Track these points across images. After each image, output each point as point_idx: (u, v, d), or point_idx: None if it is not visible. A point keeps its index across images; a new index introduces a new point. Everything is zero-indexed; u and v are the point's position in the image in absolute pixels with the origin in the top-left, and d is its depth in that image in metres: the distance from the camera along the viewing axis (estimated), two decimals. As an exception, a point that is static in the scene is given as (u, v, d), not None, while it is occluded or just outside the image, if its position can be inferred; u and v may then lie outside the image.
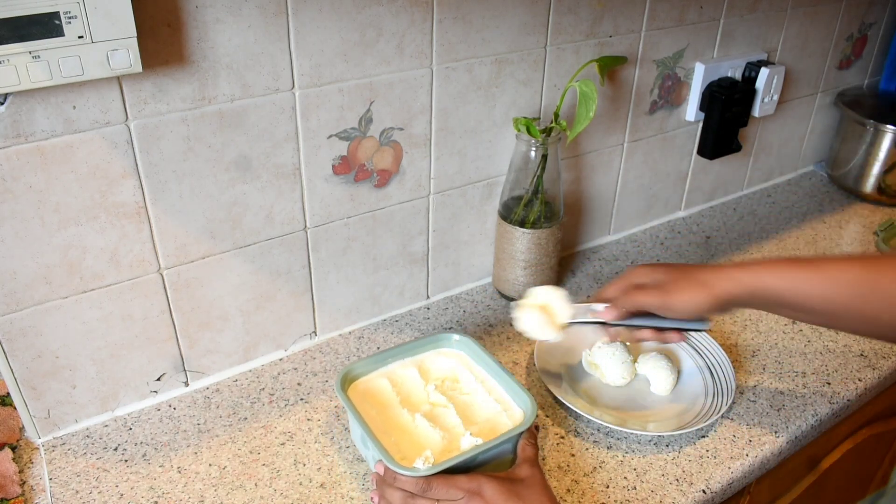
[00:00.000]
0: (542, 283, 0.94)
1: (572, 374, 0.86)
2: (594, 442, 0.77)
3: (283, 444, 0.76)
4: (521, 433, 0.69)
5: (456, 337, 0.81)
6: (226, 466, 0.74)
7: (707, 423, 0.77)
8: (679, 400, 0.83)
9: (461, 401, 0.75)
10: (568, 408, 0.80)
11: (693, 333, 0.88)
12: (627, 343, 0.86)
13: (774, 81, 1.14)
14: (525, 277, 0.95)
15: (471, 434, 0.69)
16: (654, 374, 0.84)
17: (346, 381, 0.74)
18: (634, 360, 0.85)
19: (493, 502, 0.61)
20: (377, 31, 0.76)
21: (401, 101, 0.82)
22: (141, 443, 0.76)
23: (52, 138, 0.64)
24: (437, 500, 0.63)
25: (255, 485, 0.72)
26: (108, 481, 0.72)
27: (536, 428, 0.77)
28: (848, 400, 0.85)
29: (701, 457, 0.76)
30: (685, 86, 1.10)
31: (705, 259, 1.11)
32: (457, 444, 0.69)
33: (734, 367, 0.85)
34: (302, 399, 0.82)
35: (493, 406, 0.74)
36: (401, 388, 0.76)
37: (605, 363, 0.84)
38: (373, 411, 0.72)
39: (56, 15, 0.55)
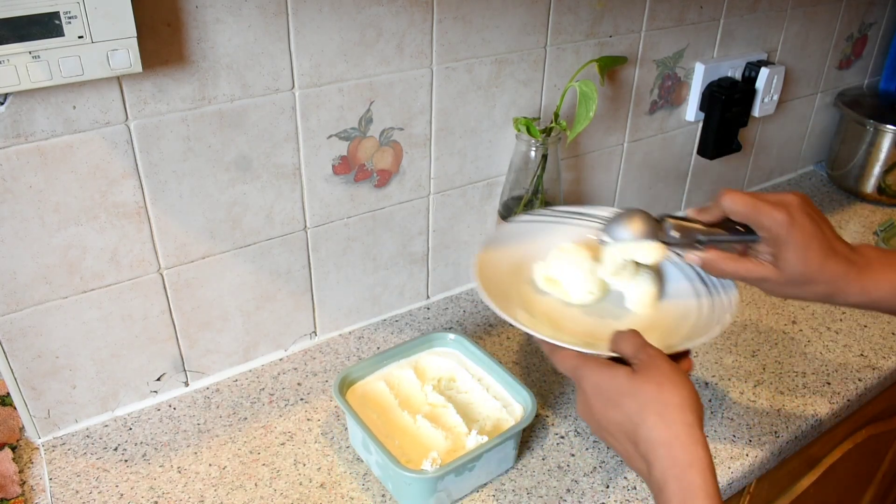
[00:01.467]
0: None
1: (525, 295, 0.70)
2: (594, 442, 0.77)
3: (283, 444, 0.76)
4: (523, 429, 0.70)
5: (451, 336, 0.81)
6: (226, 466, 0.74)
7: (707, 336, 0.63)
8: (665, 316, 0.68)
9: (460, 400, 0.75)
10: (528, 335, 0.69)
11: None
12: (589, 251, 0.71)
13: (774, 81, 1.14)
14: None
15: (476, 433, 0.69)
16: (630, 286, 0.69)
17: (344, 386, 0.74)
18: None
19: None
20: (377, 31, 0.76)
21: (401, 101, 0.82)
22: (141, 443, 0.76)
23: (52, 138, 0.64)
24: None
25: (255, 485, 0.72)
26: (108, 481, 0.72)
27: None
28: (848, 400, 0.85)
29: (701, 457, 0.76)
30: (685, 86, 1.10)
31: (705, 259, 1.11)
32: (461, 444, 0.69)
33: (733, 367, 0.84)
34: (302, 399, 0.82)
35: (492, 403, 0.74)
36: (399, 390, 0.76)
37: (566, 276, 0.69)
38: (373, 415, 0.72)
39: (56, 15, 0.55)
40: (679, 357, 0.61)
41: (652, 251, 0.66)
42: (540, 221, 0.76)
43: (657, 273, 0.72)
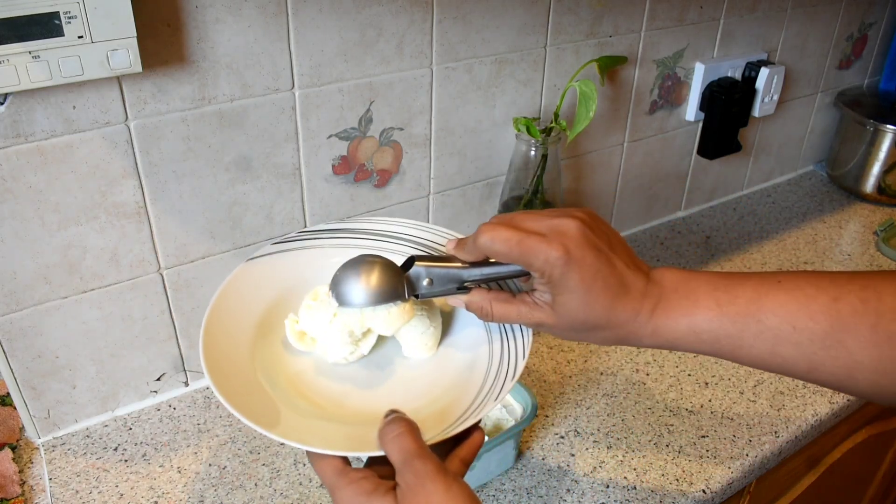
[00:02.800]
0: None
1: (273, 356, 0.56)
2: (594, 442, 0.77)
3: (283, 444, 0.76)
4: (523, 430, 0.70)
5: None
6: (226, 466, 0.74)
7: (499, 396, 0.51)
8: (448, 369, 0.56)
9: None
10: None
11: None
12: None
13: (774, 81, 1.14)
14: (524, 277, 0.94)
15: None
16: (380, 318, 0.53)
17: None
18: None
19: None
20: (377, 31, 0.76)
21: (401, 101, 0.82)
22: (141, 443, 0.76)
23: (52, 138, 0.64)
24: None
25: (255, 485, 0.72)
26: (108, 481, 0.72)
27: (396, 411, 0.49)
28: (848, 400, 0.85)
29: (701, 457, 0.76)
30: (685, 86, 1.10)
31: (705, 259, 1.11)
32: None
33: (733, 367, 0.84)
34: (302, 399, 0.82)
35: None
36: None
37: (322, 332, 0.55)
38: None
39: (56, 15, 0.55)
40: (465, 435, 0.50)
41: (394, 319, 0.53)
42: (295, 249, 0.62)
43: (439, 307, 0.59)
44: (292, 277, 0.60)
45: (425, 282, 0.53)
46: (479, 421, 0.50)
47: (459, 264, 0.54)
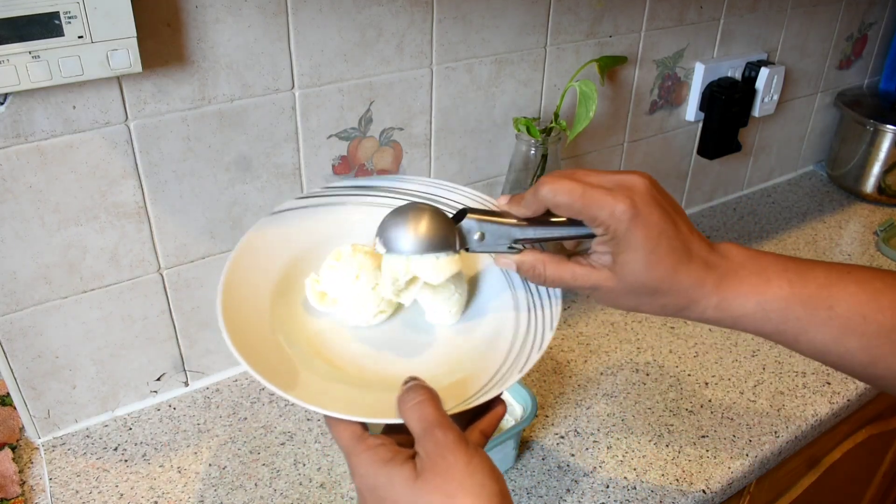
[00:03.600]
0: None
1: (293, 316, 0.55)
2: (594, 442, 0.77)
3: (283, 444, 0.76)
4: (523, 429, 0.70)
5: None
6: (226, 466, 0.74)
7: (524, 367, 0.49)
8: (473, 336, 0.54)
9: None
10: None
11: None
12: (367, 250, 0.55)
13: (774, 81, 1.14)
14: (524, 277, 0.94)
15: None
16: (428, 265, 0.50)
17: None
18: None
19: None
20: (377, 31, 0.76)
21: (401, 101, 0.82)
22: (141, 443, 0.76)
23: (52, 138, 0.64)
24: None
25: (255, 485, 0.72)
26: (108, 481, 0.72)
27: (415, 378, 0.47)
28: (848, 400, 0.85)
29: (701, 457, 0.76)
30: (685, 86, 1.10)
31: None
32: None
33: (733, 367, 0.84)
34: (302, 399, 0.82)
35: None
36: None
37: (343, 294, 0.53)
38: None
39: (56, 15, 0.55)
40: (486, 407, 0.48)
41: (442, 268, 0.50)
42: (318, 205, 0.59)
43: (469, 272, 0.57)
44: (315, 235, 0.57)
45: (476, 236, 0.50)
46: (501, 393, 0.48)
47: (514, 221, 0.50)
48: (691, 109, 1.11)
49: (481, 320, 0.55)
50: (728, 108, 1.09)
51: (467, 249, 0.51)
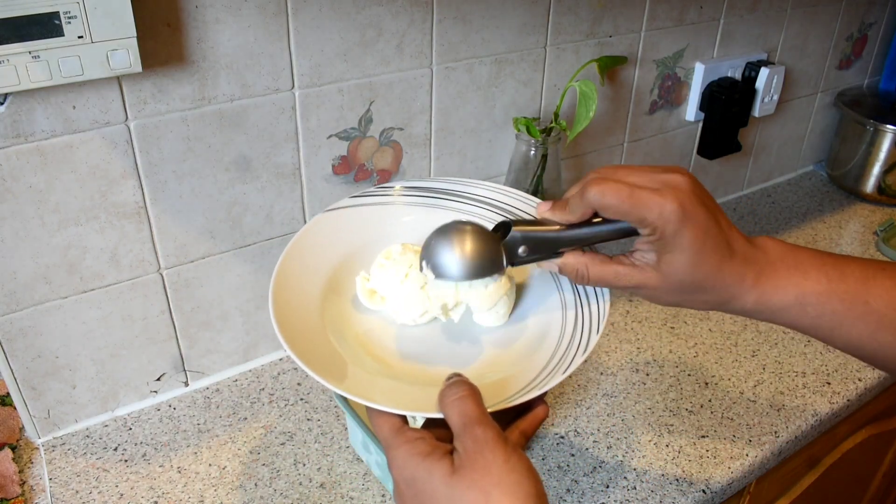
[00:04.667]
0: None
1: (342, 312, 0.56)
2: (594, 442, 0.77)
3: (283, 444, 0.76)
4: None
5: None
6: (226, 466, 0.74)
7: (568, 369, 0.49)
8: (520, 336, 0.55)
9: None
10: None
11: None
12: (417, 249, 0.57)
13: (774, 81, 1.14)
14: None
15: None
16: (477, 294, 0.52)
17: None
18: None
19: None
20: (377, 31, 0.76)
21: (401, 101, 0.82)
22: (141, 443, 0.76)
23: (52, 138, 0.64)
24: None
25: (255, 485, 0.72)
26: (108, 481, 0.72)
27: (458, 374, 0.48)
28: (848, 400, 0.85)
29: (701, 457, 0.76)
30: (685, 86, 1.10)
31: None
32: None
33: (733, 367, 0.84)
34: (302, 399, 0.82)
35: None
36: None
37: (394, 291, 0.54)
38: None
39: (56, 15, 0.55)
40: (528, 408, 0.48)
41: (491, 296, 0.51)
42: (371, 204, 0.60)
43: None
44: (367, 233, 0.59)
45: (521, 249, 0.50)
46: (545, 394, 0.48)
47: (557, 227, 0.51)
48: (691, 109, 1.11)
49: (528, 321, 0.55)
50: (728, 108, 1.09)
51: (513, 264, 0.51)
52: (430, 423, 0.48)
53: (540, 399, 0.48)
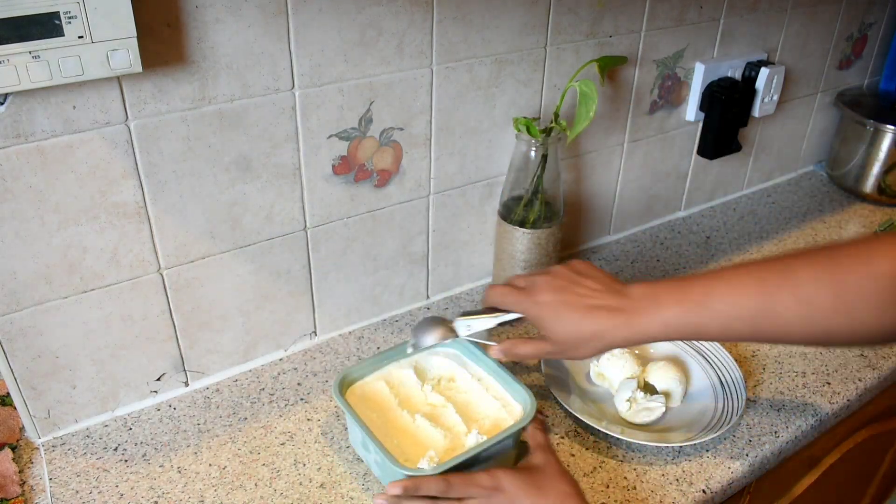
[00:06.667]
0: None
1: (580, 385, 0.84)
2: (594, 442, 0.77)
3: (283, 444, 0.76)
4: (522, 428, 0.70)
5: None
6: (226, 466, 0.74)
7: (716, 433, 0.75)
8: (688, 411, 0.81)
9: (459, 399, 0.75)
10: (581, 421, 0.78)
11: (706, 345, 0.87)
12: (636, 351, 0.84)
13: (774, 81, 1.14)
14: (525, 277, 0.95)
15: (477, 432, 0.69)
16: (664, 384, 0.81)
17: (344, 386, 0.74)
18: (643, 371, 0.82)
19: (513, 495, 0.62)
20: (377, 31, 0.76)
21: (401, 101, 0.82)
22: (141, 443, 0.76)
23: (52, 138, 0.64)
24: (459, 500, 0.62)
25: (255, 485, 0.72)
26: (108, 481, 0.72)
27: (541, 413, 0.77)
28: (848, 400, 0.85)
29: (701, 457, 0.76)
30: (685, 86, 1.10)
31: (705, 259, 1.11)
32: (460, 443, 0.69)
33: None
34: (302, 399, 0.82)
35: (491, 403, 0.74)
36: (398, 389, 0.76)
37: (614, 374, 0.82)
38: (373, 415, 0.72)
39: (56, 15, 0.55)
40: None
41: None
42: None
43: (683, 372, 0.84)
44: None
45: (463, 331, 0.75)
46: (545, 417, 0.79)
47: (486, 315, 0.74)
48: (691, 109, 1.11)
49: (694, 401, 0.82)
50: (728, 108, 1.09)
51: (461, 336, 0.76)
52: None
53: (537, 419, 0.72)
